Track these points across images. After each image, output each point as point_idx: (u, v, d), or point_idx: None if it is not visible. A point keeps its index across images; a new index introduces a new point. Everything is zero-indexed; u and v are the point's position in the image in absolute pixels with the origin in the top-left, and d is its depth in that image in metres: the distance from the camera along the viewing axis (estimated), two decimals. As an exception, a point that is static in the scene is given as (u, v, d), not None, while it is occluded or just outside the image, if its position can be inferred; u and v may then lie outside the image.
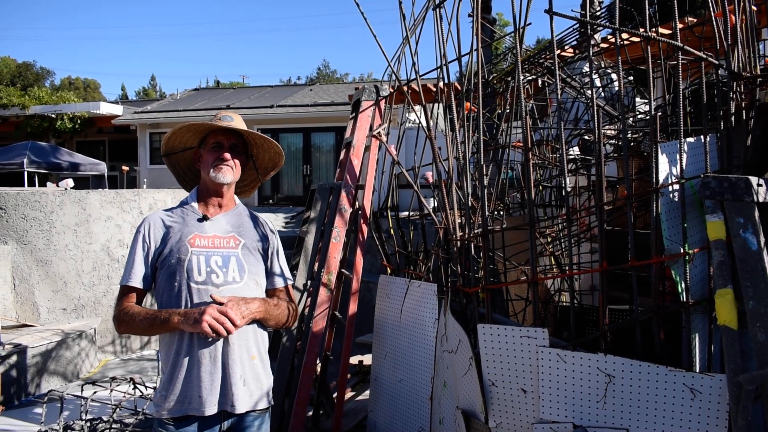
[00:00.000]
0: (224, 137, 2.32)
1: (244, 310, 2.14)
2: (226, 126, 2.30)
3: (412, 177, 3.80)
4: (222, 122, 2.32)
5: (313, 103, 18.52)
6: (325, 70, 54.86)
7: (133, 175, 19.16)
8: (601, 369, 2.20)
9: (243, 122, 2.40)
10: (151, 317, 2.13)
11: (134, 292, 2.25)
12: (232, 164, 2.32)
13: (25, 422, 5.38)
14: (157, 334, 2.20)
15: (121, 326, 2.21)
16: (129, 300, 2.23)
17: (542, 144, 5.06)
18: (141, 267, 2.24)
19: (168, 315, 2.10)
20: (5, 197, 7.82)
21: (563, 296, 4.55)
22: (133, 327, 2.18)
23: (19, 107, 20.27)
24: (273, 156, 2.51)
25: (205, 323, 2.03)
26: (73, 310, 7.95)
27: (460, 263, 2.81)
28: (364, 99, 3.96)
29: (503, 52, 6.55)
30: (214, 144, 2.32)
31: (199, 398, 2.15)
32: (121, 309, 2.21)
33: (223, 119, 2.33)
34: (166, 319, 2.10)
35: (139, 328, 2.17)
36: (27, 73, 39.39)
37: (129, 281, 2.23)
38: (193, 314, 2.07)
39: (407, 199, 5.65)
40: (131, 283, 2.23)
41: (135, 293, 2.25)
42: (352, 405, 4.61)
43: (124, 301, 2.23)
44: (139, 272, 2.24)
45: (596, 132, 2.23)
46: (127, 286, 2.23)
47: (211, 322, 2.04)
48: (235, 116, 2.37)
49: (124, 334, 2.26)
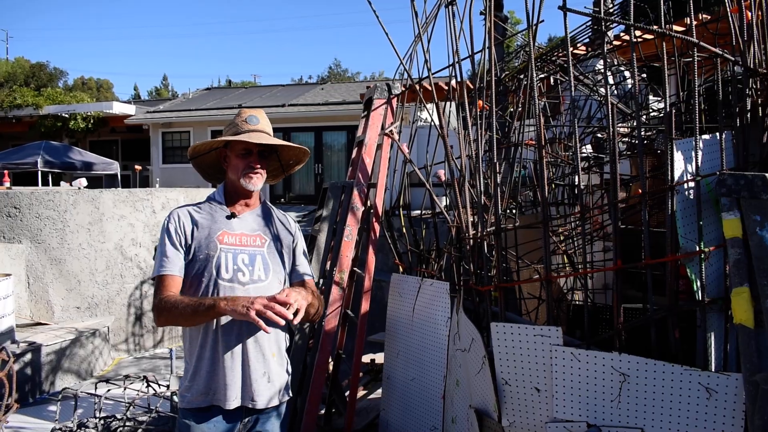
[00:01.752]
0: (254, 144, 2.31)
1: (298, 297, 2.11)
2: (253, 132, 2.29)
3: (424, 175, 3.79)
4: (249, 125, 2.31)
5: (324, 102, 18.53)
6: (337, 68, 54.89)
7: (145, 174, 19.25)
8: (615, 368, 2.18)
9: (268, 120, 2.40)
10: (194, 304, 2.09)
11: (172, 281, 2.21)
12: (261, 171, 2.33)
13: (39, 420, 5.43)
14: (200, 323, 2.17)
15: (161, 316, 2.16)
16: (168, 289, 2.18)
17: (554, 142, 5.03)
18: (175, 257, 2.22)
19: (213, 301, 2.07)
20: (19, 196, 7.89)
21: (576, 295, 4.52)
22: (174, 316, 2.14)
23: (32, 107, 20.40)
24: (297, 152, 2.51)
25: (253, 312, 1.99)
26: (87, 309, 8.01)
27: (472, 261, 2.80)
28: (376, 97, 3.96)
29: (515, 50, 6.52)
30: (243, 150, 2.31)
31: (222, 391, 2.19)
32: (162, 298, 2.16)
33: (249, 121, 2.33)
34: (211, 305, 2.06)
35: (180, 317, 2.13)
36: (40, 74, 39.62)
37: (165, 270, 2.20)
38: (241, 301, 2.04)
39: (419, 198, 5.64)
40: (168, 272, 2.20)
41: (173, 282, 2.21)
42: (365, 403, 4.61)
43: (163, 291, 2.18)
44: (174, 261, 2.22)
45: (611, 129, 2.21)
46: (164, 275, 2.20)
47: (260, 309, 1.99)
48: (261, 117, 2.37)
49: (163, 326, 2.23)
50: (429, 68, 2.99)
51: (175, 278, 2.22)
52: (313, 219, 4.33)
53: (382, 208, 3.92)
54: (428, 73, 2.99)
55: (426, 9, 3.30)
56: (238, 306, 2.02)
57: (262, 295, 2.07)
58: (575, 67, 4.91)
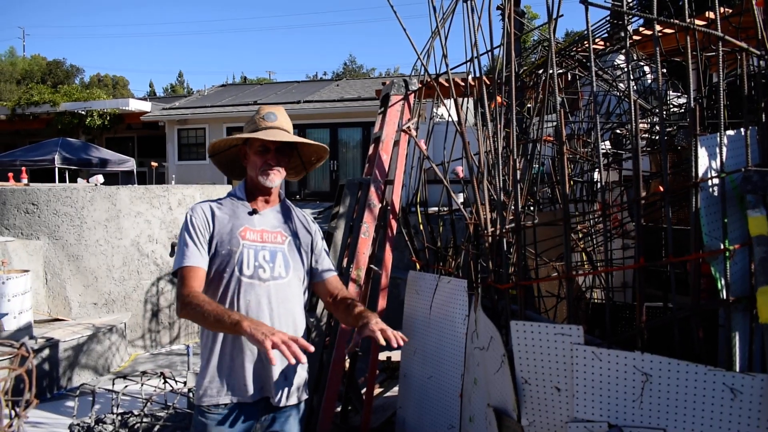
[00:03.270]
0: (271, 141, 2.30)
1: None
2: (270, 129, 2.28)
3: (442, 172, 3.77)
4: (266, 122, 2.30)
5: (339, 98, 18.52)
6: (352, 65, 54.81)
7: (161, 171, 19.37)
8: (637, 367, 2.15)
9: (286, 117, 2.39)
10: (219, 314, 2.01)
11: (197, 272, 2.17)
12: (279, 168, 2.31)
13: (57, 415, 5.47)
14: (219, 331, 2.14)
15: (185, 310, 2.10)
16: (195, 281, 2.15)
17: (573, 138, 4.98)
18: (198, 249, 2.20)
19: (238, 318, 1.97)
20: (37, 193, 7.95)
21: (595, 293, 4.48)
22: (196, 316, 2.08)
23: (49, 104, 20.58)
24: (317, 149, 2.50)
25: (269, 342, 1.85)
26: (104, 305, 8.07)
27: (491, 259, 2.77)
28: (393, 93, 3.93)
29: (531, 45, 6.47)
30: (261, 147, 2.30)
31: (239, 389, 2.19)
32: (190, 291, 2.11)
33: (267, 118, 2.32)
34: (236, 322, 1.96)
35: (203, 320, 2.08)
36: (57, 71, 39.96)
37: (189, 261, 2.17)
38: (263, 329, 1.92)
39: (435, 195, 5.62)
40: (193, 263, 2.17)
41: (198, 274, 2.17)
42: (381, 401, 4.60)
43: (190, 283, 2.14)
44: (197, 253, 2.20)
45: (633, 125, 2.17)
46: (189, 266, 2.17)
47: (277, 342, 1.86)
48: (279, 113, 2.35)
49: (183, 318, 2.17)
50: (447, 63, 2.96)
51: (200, 270, 2.19)
52: (328, 216, 4.32)
53: (399, 205, 3.90)
54: (446, 68, 2.96)
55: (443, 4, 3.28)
56: (258, 333, 1.89)
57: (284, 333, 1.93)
58: (594, 62, 4.85)
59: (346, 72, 50.08)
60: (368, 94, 17.92)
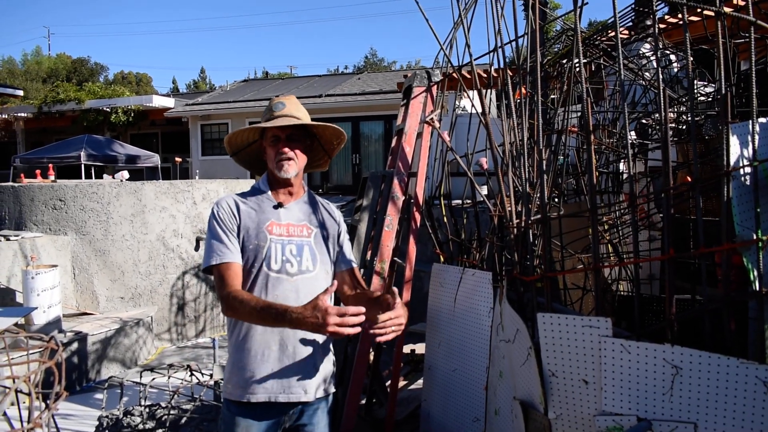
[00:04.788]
0: (280, 130, 2.30)
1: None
2: (278, 119, 2.28)
3: (465, 163, 3.74)
4: (275, 112, 2.30)
5: (361, 91, 18.50)
6: (373, 58, 54.73)
7: (185, 166, 19.53)
8: (667, 360, 2.11)
9: (297, 104, 2.37)
10: (264, 309, 2.01)
11: (235, 269, 2.17)
12: (292, 155, 2.29)
13: (86, 407, 5.56)
14: (266, 326, 2.14)
15: (229, 311, 2.12)
16: (234, 278, 2.15)
17: (598, 128, 4.92)
18: (229, 244, 2.20)
19: (284, 311, 1.97)
20: (64, 189, 8.07)
21: (621, 285, 4.43)
22: (240, 314, 2.10)
23: (75, 102, 20.85)
24: (333, 131, 2.47)
25: (330, 328, 1.88)
26: (131, 299, 8.17)
27: (516, 251, 2.74)
28: (416, 85, 3.91)
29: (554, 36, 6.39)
30: (272, 138, 2.30)
31: (268, 383, 2.19)
32: (230, 292, 2.10)
33: (275, 108, 2.32)
34: (281, 314, 1.97)
35: (247, 317, 2.10)
36: (82, 69, 40.48)
37: (225, 258, 2.17)
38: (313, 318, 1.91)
39: (458, 187, 5.59)
40: (227, 260, 2.17)
41: (236, 271, 2.17)
42: (405, 394, 4.60)
43: (230, 281, 2.13)
44: (230, 248, 2.19)
45: (662, 114, 2.13)
46: (226, 263, 2.16)
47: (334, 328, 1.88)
48: (288, 102, 2.34)
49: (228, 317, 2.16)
50: (470, 54, 2.93)
51: (236, 265, 2.18)
52: (351, 209, 4.31)
53: (422, 198, 3.88)
54: (470, 58, 2.93)
55: (466, -6, 3.23)
56: (308, 321, 1.91)
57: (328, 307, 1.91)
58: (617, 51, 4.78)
59: (368, 65, 50.03)
60: (390, 87, 17.88)
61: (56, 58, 43.83)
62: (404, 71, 24.33)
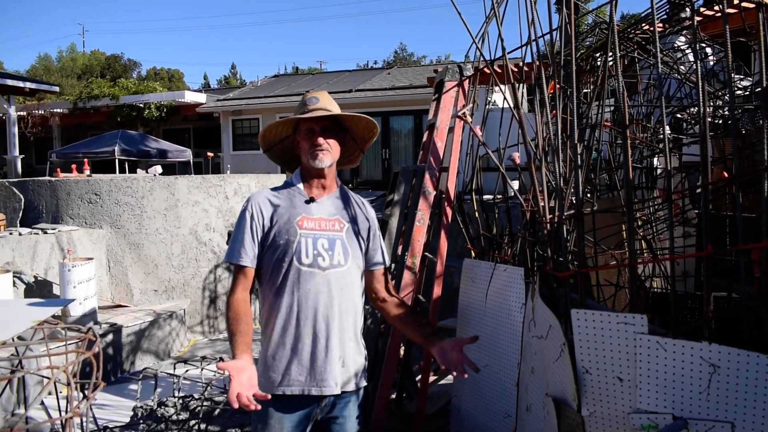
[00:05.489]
0: (314, 122, 2.32)
1: None
2: (312, 112, 2.30)
3: (497, 158, 3.72)
4: (309, 106, 2.32)
5: (391, 86, 18.49)
6: (402, 53, 54.60)
7: (216, 161, 19.74)
8: (704, 358, 2.08)
9: (331, 99, 2.39)
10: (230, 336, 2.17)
11: (248, 274, 2.27)
12: (327, 147, 2.32)
13: (121, 398, 5.67)
14: None
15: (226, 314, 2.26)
16: (241, 283, 2.26)
17: (632, 123, 4.85)
18: (250, 245, 2.27)
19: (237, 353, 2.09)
20: (99, 184, 8.22)
21: (654, 282, 4.36)
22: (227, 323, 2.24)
23: (108, 98, 21.19)
24: (366, 124, 2.49)
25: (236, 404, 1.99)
26: (164, 292, 8.29)
27: (549, 246, 2.72)
28: (448, 79, 3.89)
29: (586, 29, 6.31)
30: (306, 131, 2.33)
31: (300, 377, 2.21)
32: (232, 302, 2.24)
33: (309, 102, 2.34)
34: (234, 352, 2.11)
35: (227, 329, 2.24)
36: (115, 65, 41.16)
37: (243, 261, 2.25)
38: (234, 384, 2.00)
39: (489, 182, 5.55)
40: (245, 263, 2.26)
41: (249, 275, 2.27)
42: (435, 389, 4.60)
43: (236, 287, 2.27)
44: (249, 251, 2.26)
45: (701, 108, 2.09)
46: (242, 267, 2.26)
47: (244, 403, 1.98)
48: (321, 96, 2.37)
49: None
50: (503, 47, 2.90)
51: (251, 271, 2.27)
52: (381, 204, 4.32)
53: (454, 193, 3.87)
54: (503, 51, 2.91)
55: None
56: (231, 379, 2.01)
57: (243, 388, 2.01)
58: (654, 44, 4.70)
59: (397, 60, 49.94)
60: (420, 82, 17.83)
61: (90, 55, 44.63)
62: (434, 66, 24.23)
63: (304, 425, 2.27)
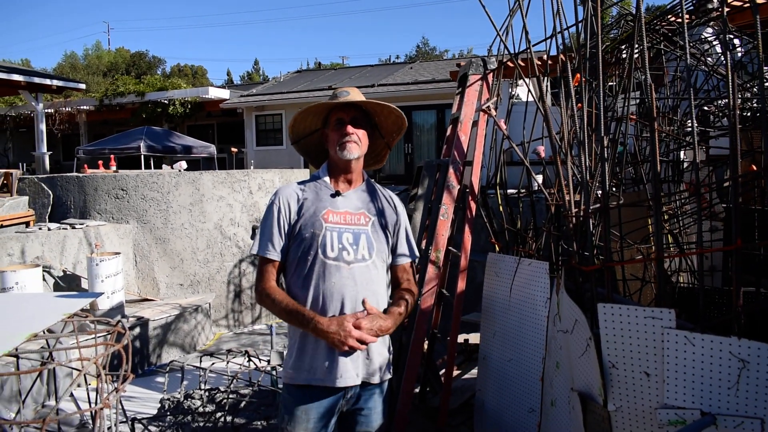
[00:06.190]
0: (344, 113, 2.33)
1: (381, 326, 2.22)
2: (343, 102, 2.31)
3: (522, 152, 3.70)
4: (339, 98, 2.33)
5: (413, 80, 18.44)
6: (424, 47, 54.41)
7: (240, 156, 19.88)
8: (734, 353, 2.05)
9: (361, 95, 2.40)
10: (293, 313, 2.21)
11: (272, 266, 2.31)
12: (356, 138, 2.33)
13: (148, 390, 5.74)
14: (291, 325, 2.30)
15: (263, 303, 2.31)
16: (270, 274, 2.30)
17: (658, 116, 4.78)
18: (277, 239, 2.30)
19: (311, 318, 2.17)
20: (126, 179, 8.32)
21: (680, 277, 4.31)
22: (271, 310, 2.29)
23: (134, 94, 21.43)
24: (396, 120, 2.49)
25: (346, 347, 2.14)
26: (189, 286, 8.39)
27: (575, 240, 2.70)
28: (471, 73, 3.88)
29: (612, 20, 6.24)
30: (336, 121, 2.34)
31: (325, 369, 2.23)
32: (264, 288, 2.28)
33: (340, 95, 2.36)
34: (308, 321, 2.17)
35: (276, 314, 2.28)
36: (140, 62, 41.56)
37: (269, 254, 2.29)
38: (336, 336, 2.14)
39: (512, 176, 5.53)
40: (270, 255, 2.29)
41: (273, 268, 2.31)
42: (459, 383, 4.60)
43: (266, 277, 2.30)
44: (276, 244, 2.30)
45: (731, 100, 2.06)
46: (267, 259, 2.30)
47: (353, 344, 2.14)
48: (351, 90, 2.38)
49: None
50: (528, 40, 2.89)
51: (277, 264, 2.31)
52: (403, 198, 4.32)
53: (478, 187, 3.85)
54: (528, 44, 2.89)
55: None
56: (331, 336, 2.16)
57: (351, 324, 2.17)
58: (680, 36, 4.64)
59: (419, 54, 49.76)
60: (442, 76, 17.76)
61: (116, 53, 45.11)
62: (456, 60, 24.11)
63: (329, 417, 2.29)
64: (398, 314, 2.31)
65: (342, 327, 2.14)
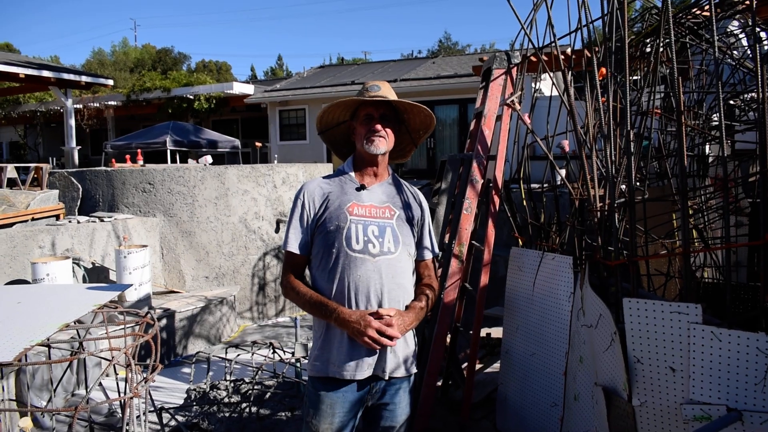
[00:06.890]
0: (374, 109, 2.35)
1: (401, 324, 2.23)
2: (373, 98, 2.32)
3: (546, 146, 3.69)
4: (370, 92, 2.35)
5: (436, 75, 18.39)
6: (447, 42, 54.10)
7: (264, 151, 19.99)
8: (761, 349, 2.04)
9: (391, 89, 2.42)
10: (317, 305, 2.26)
11: (295, 259, 2.36)
12: (384, 134, 2.35)
13: (174, 380, 5.83)
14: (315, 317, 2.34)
15: (288, 296, 2.37)
16: (295, 269, 2.37)
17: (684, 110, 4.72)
18: (302, 234, 2.35)
19: (333, 309, 2.21)
20: (153, 173, 8.43)
21: (705, 272, 4.27)
22: (296, 303, 2.34)
23: (160, 90, 21.66)
24: (424, 119, 2.50)
25: (367, 339, 2.16)
26: (215, 278, 8.48)
27: (599, 235, 2.69)
28: (495, 67, 3.87)
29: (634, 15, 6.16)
30: (365, 116, 2.36)
31: (350, 363, 2.24)
32: (289, 281, 2.35)
33: (370, 89, 2.37)
34: (330, 311, 2.21)
35: (301, 306, 2.32)
36: (166, 58, 41.91)
37: (293, 247, 2.34)
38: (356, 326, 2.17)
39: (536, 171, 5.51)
40: (294, 249, 2.35)
41: (299, 260, 2.37)
42: (481, 377, 4.61)
43: (290, 271, 2.37)
44: (300, 239, 2.35)
45: (762, 92, 2.04)
46: (292, 253, 2.35)
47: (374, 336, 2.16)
48: (382, 85, 2.39)
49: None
50: (554, 33, 2.88)
51: (301, 258, 2.37)
52: (426, 192, 4.32)
53: (501, 181, 3.85)
54: (553, 38, 2.88)
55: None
56: (352, 326, 2.19)
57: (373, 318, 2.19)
58: (706, 29, 4.57)
59: (442, 49, 49.53)
60: (464, 71, 17.68)
61: (142, 49, 45.57)
62: (479, 54, 23.97)
63: (355, 410, 2.30)
64: (420, 309, 2.32)
65: (363, 317, 2.17)
